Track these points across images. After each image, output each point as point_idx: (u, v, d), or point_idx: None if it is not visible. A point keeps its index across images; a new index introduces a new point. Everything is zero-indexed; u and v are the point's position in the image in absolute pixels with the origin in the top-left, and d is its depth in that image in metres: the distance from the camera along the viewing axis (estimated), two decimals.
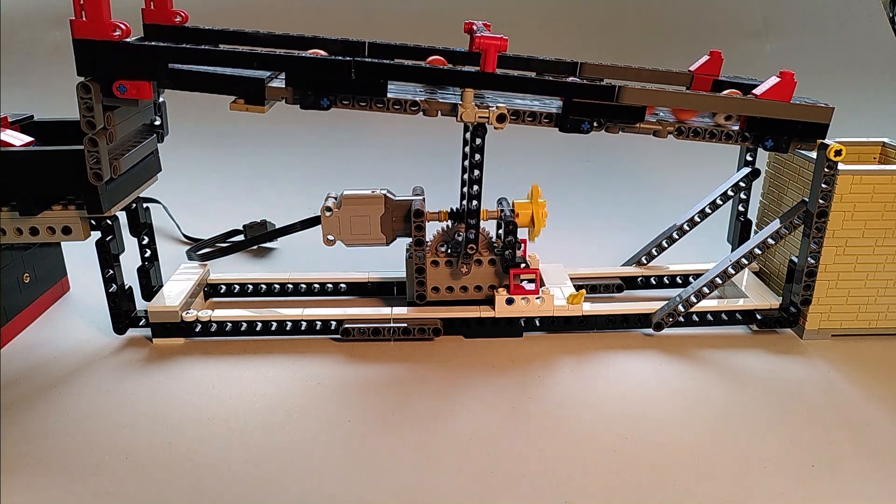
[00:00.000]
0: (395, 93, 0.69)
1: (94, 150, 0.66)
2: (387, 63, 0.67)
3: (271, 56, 0.66)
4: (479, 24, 0.74)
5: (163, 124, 0.81)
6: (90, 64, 0.64)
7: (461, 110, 0.68)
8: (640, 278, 0.90)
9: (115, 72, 0.65)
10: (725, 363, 0.73)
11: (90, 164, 0.67)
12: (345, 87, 0.67)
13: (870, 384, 0.69)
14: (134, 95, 0.65)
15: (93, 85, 0.64)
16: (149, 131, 0.80)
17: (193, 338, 0.78)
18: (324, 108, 0.68)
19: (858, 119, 1.55)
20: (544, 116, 0.70)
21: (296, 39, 0.78)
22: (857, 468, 0.58)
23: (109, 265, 0.74)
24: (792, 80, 0.68)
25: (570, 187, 1.31)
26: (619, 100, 0.68)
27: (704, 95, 0.70)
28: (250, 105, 0.67)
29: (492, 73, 0.66)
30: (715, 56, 0.81)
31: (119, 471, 0.58)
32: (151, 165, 0.80)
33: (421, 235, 0.75)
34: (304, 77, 0.67)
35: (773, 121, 0.70)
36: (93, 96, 0.64)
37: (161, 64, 0.65)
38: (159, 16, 0.76)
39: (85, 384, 0.70)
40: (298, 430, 0.63)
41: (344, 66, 0.66)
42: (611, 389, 0.69)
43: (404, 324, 0.77)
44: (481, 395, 0.68)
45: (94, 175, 0.67)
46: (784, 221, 0.75)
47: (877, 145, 0.86)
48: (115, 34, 0.63)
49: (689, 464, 0.58)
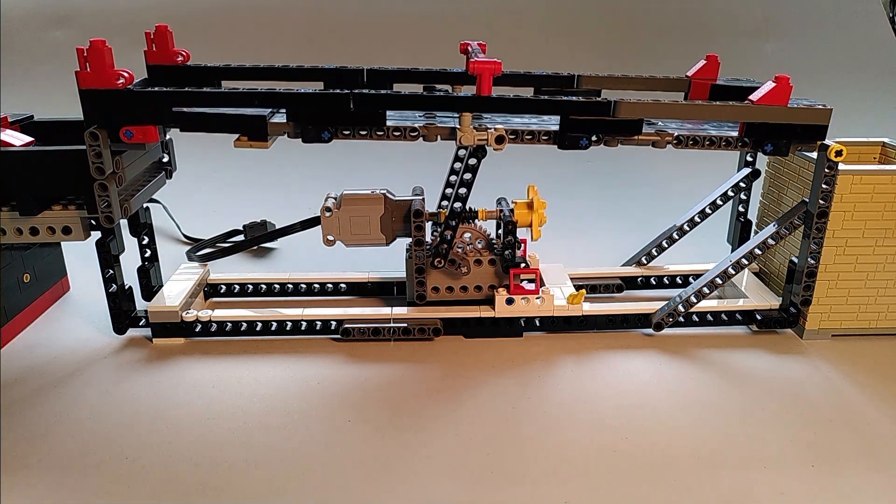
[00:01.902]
0: (394, 120, 0.71)
1: (105, 194, 0.68)
2: (384, 94, 0.68)
3: (271, 93, 0.67)
4: (474, 46, 0.76)
5: (171, 161, 0.83)
6: (97, 112, 0.66)
7: (460, 134, 0.69)
8: (640, 278, 0.90)
9: (121, 118, 0.66)
10: (725, 363, 0.73)
11: (101, 208, 0.69)
12: (344, 120, 0.68)
13: (870, 384, 0.69)
14: (141, 140, 0.67)
15: (100, 132, 0.66)
16: (157, 169, 0.81)
17: (193, 338, 0.78)
18: (325, 141, 0.69)
19: (858, 119, 1.55)
20: (543, 134, 0.71)
21: (295, 71, 0.80)
22: (857, 468, 0.58)
23: (109, 265, 0.74)
24: (787, 85, 0.68)
25: (570, 187, 1.31)
26: (615, 114, 0.68)
27: (701, 105, 0.70)
28: (253, 142, 0.68)
29: (488, 96, 0.67)
30: (711, 60, 0.81)
31: (119, 471, 0.58)
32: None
33: (421, 235, 0.75)
34: (304, 112, 0.68)
35: (771, 125, 0.70)
36: (101, 143, 0.66)
37: (165, 108, 0.67)
38: (162, 57, 0.78)
39: (85, 384, 0.70)
40: (298, 430, 0.63)
41: (342, 100, 0.67)
42: (611, 389, 0.69)
43: (404, 324, 0.77)
44: (481, 395, 0.68)
45: (105, 219, 0.69)
46: (784, 222, 0.75)
47: (877, 145, 0.86)
48: (118, 82, 0.65)
49: (688, 464, 0.58)
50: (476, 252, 0.77)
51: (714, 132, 0.72)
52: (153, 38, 0.77)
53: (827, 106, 0.70)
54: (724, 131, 0.73)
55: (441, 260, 0.76)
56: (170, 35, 0.78)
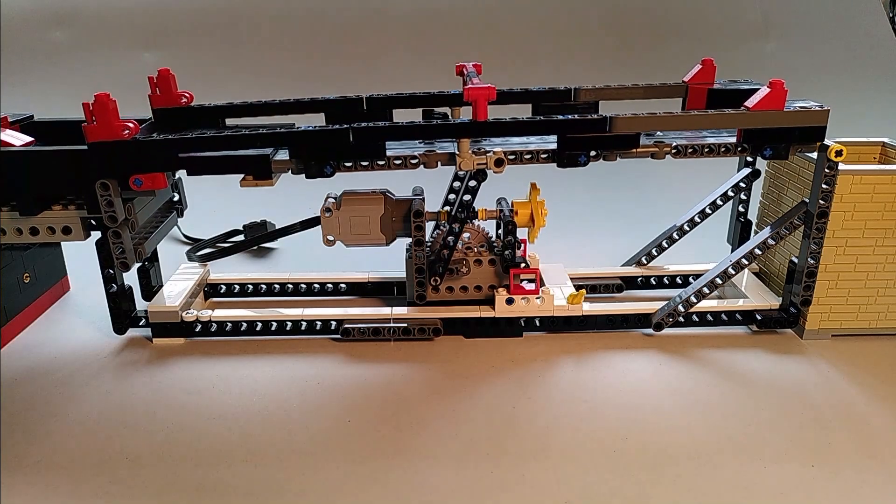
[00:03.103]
0: (394, 150, 0.71)
1: (119, 241, 0.70)
2: (382, 126, 0.69)
3: (272, 134, 0.68)
4: (469, 69, 0.76)
5: (181, 199, 0.84)
6: (106, 164, 0.67)
7: (459, 160, 0.70)
8: (640, 278, 0.90)
9: (129, 168, 0.68)
10: (725, 363, 0.73)
11: (116, 255, 0.71)
12: (345, 154, 0.69)
13: (870, 384, 0.69)
14: (150, 187, 0.68)
15: (110, 182, 0.67)
16: (168, 209, 0.83)
17: (193, 338, 0.78)
18: (328, 176, 0.70)
19: (858, 119, 1.55)
20: (542, 153, 0.71)
21: (295, 104, 0.80)
22: (857, 468, 0.58)
23: (109, 265, 0.74)
24: (782, 89, 0.68)
25: (570, 187, 1.31)
26: (611, 130, 0.69)
27: (696, 116, 0.70)
28: (259, 180, 0.70)
29: (484, 121, 0.68)
30: (707, 64, 0.81)
31: (119, 471, 0.58)
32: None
33: (421, 235, 0.75)
34: (305, 149, 0.69)
35: (769, 130, 0.70)
36: (111, 192, 0.67)
37: (171, 155, 0.68)
38: (166, 100, 0.79)
39: (85, 384, 0.70)
40: (298, 430, 0.63)
41: (342, 134, 0.68)
42: (611, 389, 0.69)
43: (404, 324, 0.77)
44: (481, 395, 0.68)
45: (121, 265, 0.71)
46: (784, 222, 0.75)
47: (877, 145, 0.86)
48: (124, 133, 0.66)
49: (688, 464, 0.58)
50: (476, 253, 0.77)
51: (712, 139, 0.73)
52: (156, 83, 0.78)
53: (824, 107, 0.70)
54: (722, 138, 0.73)
55: (438, 279, 0.76)
56: (172, 78, 0.79)
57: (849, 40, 1.76)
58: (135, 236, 0.73)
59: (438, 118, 0.76)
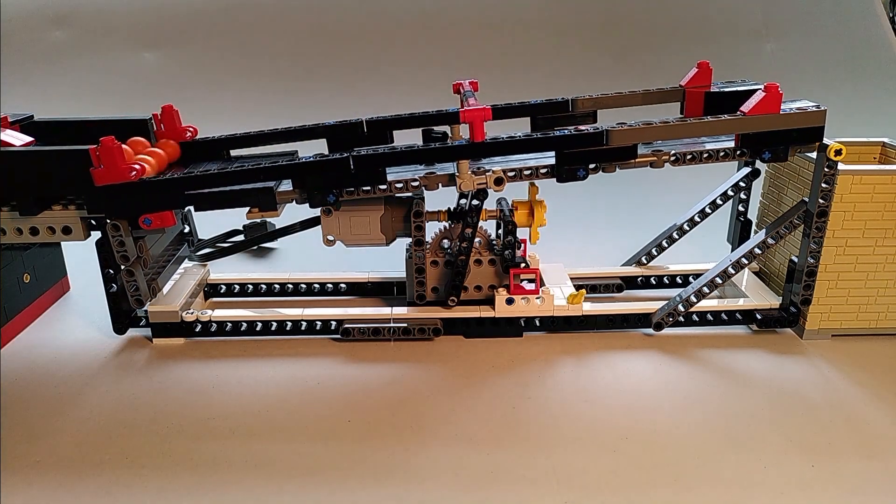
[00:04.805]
0: (395, 174, 0.72)
1: (132, 279, 0.71)
2: (381, 153, 0.70)
3: (275, 167, 0.69)
4: (466, 87, 0.77)
5: (192, 230, 0.85)
6: (115, 206, 0.68)
7: (459, 181, 0.70)
8: (640, 278, 0.90)
9: (138, 208, 0.69)
10: (725, 363, 0.73)
11: (130, 292, 0.72)
12: (347, 181, 0.70)
13: (870, 384, 0.69)
14: (159, 225, 0.70)
15: (121, 223, 0.69)
16: (179, 241, 0.84)
17: (193, 338, 0.78)
18: (331, 204, 0.72)
19: (858, 119, 1.55)
20: (541, 169, 0.71)
21: (297, 132, 0.81)
22: (857, 468, 0.58)
23: (109, 265, 0.74)
24: (777, 92, 0.68)
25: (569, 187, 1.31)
26: (608, 143, 0.69)
27: (693, 124, 0.70)
28: (265, 212, 0.71)
29: (481, 142, 0.68)
30: (703, 67, 0.81)
31: (119, 471, 0.58)
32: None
33: (421, 235, 0.75)
34: (307, 179, 0.70)
35: (766, 133, 0.70)
36: (122, 232, 0.69)
37: (178, 193, 0.69)
38: (171, 135, 0.80)
39: (85, 384, 0.70)
40: (298, 430, 0.63)
41: (342, 163, 0.69)
42: (611, 389, 0.69)
43: (404, 324, 0.77)
44: (481, 395, 0.68)
45: (135, 301, 0.73)
46: (784, 221, 0.75)
47: (877, 145, 0.86)
48: (131, 175, 0.67)
49: (688, 464, 0.58)
50: (476, 253, 0.77)
51: (710, 145, 0.73)
52: (160, 119, 0.79)
53: (821, 107, 0.70)
54: (720, 143, 0.73)
55: (455, 299, 0.78)
56: (176, 114, 0.80)
57: (849, 40, 1.76)
58: (147, 272, 0.74)
59: (439, 137, 0.77)
